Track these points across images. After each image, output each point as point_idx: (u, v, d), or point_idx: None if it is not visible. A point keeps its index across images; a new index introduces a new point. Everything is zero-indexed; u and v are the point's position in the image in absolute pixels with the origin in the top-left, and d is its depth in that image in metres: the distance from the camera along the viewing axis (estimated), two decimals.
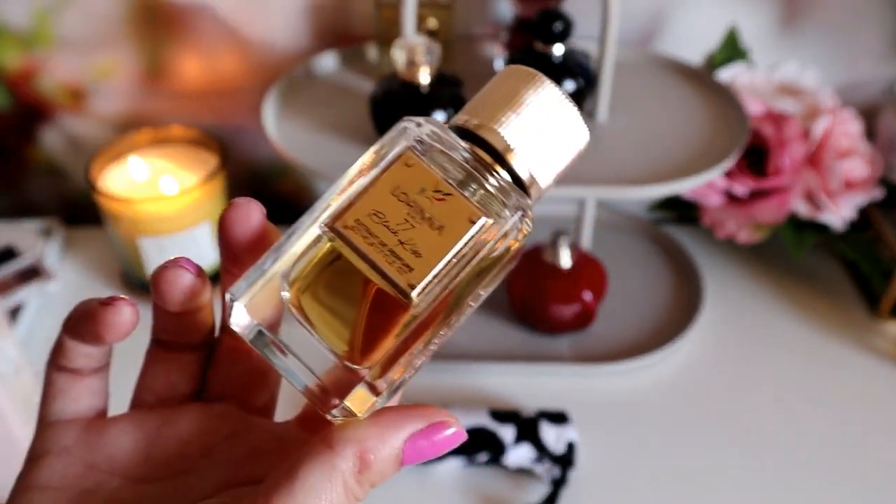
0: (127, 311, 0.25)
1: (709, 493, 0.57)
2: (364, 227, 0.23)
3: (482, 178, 0.24)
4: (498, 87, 0.25)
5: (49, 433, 0.26)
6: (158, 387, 0.27)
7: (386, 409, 0.24)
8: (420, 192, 0.24)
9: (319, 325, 0.24)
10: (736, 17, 0.72)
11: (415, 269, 0.23)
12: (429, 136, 0.25)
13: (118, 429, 0.26)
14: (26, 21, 0.71)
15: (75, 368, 0.26)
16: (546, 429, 0.58)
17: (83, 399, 0.26)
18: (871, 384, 0.65)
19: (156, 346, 0.28)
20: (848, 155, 0.69)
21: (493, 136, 0.24)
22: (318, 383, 0.24)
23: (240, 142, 0.79)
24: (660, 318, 0.70)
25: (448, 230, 0.23)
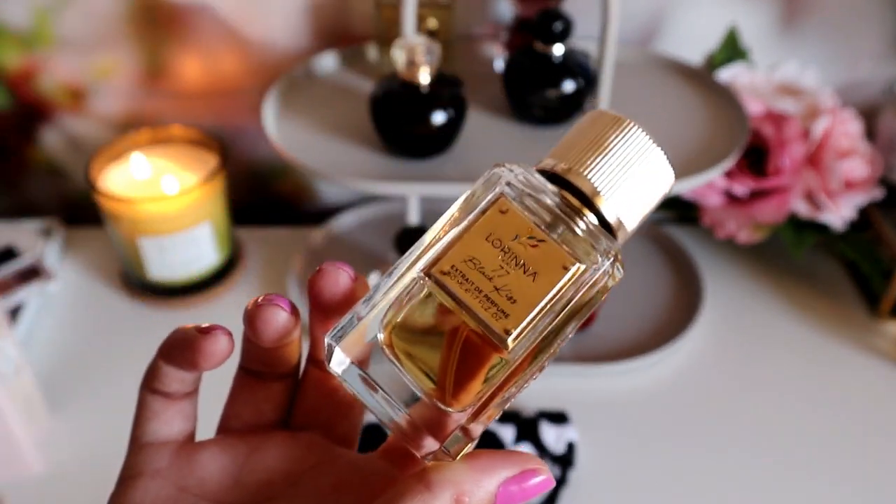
0: (223, 340, 0.25)
1: (709, 492, 0.57)
2: (460, 273, 0.24)
3: (571, 221, 0.25)
4: (584, 132, 0.26)
5: (142, 455, 0.26)
6: (246, 414, 0.28)
7: (480, 453, 0.24)
8: (514, 239, 0.24)
9: (410, 367, 0.24)
10: (736, 17, 0.72)
11: (510, 315, 0.23)
12: (518, 180, 0.25)
13: (209, 453, 0.27)
14: (26, 21, 0.72)
15: (168, 392, 0.26)
16: (546, 429, 0.58)
17: (175, 422, 0.27)
18: (871, 384, 0.65)
19: (244, 375, 0.28)
20: (848, 155, 0.70)
21: (582, 180, 0.25)
22: (408, 420, 0.24)
23: (240, 142, 0.79)
24: (660, 318, 0.70)
25: (542, 276, 0.24)
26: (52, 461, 0.59)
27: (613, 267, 0.25)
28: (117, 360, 0.66)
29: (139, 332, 0.69)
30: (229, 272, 0.74)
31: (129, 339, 0.69)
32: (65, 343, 0.69)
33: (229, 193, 0.71)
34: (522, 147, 0.63)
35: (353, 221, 0.80)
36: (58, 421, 0.62)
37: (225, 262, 0.73)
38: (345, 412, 0.28)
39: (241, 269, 0.75)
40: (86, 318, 0.71)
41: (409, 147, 0.60)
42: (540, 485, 0.24)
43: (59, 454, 0.59)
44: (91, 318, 0.71)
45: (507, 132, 0.64)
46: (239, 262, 0.75)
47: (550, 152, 0.26)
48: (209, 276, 0.72)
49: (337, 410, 0.28)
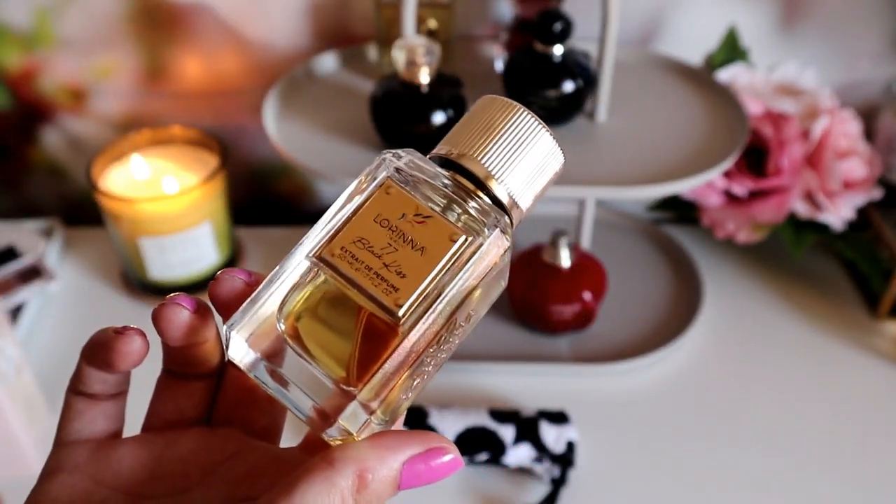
0: (137, 340, 0.26)
1: (709, 492, 0.57)
2: (350, 254, 0.24)
3: (464, 202, 0.25)
4: (476, 118, 0.27)
5: (63, 452, 0.27)
6: (166, 412, 0.28)
7: (386, 433, 0.24)
8: (401, 218, 0.25)
9: (317, 354, 0.24)
10: (736, 17, 0.72)
11: (400, 289, 0.24)
12: (408, 165, 0.26)
13: (126, 448, 0.27)
14: (26, 21, 0.72)
15: (92, 393, 0.27)
16: (546, 428, 0.58)
17: (98, 422, 0.27)
18: (870, 384, 0.65)
19: (165, 375, 0.29)
20: (847, 155, 0.70)
21: (474, 164, 0.26)
22: (317, 409, 0.24)
23: (240, 142, 0.79)
24: (660, 318, 0.70)
25: (430, 250, 0.24)
26: None
27: (502, 237, 0.25)
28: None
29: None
30: None
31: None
32: (65, 343, 0.69)
33: (229, 193, 0.71)
34: None
35: None
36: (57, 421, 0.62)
37: (225, 262, 0.73)
38: (265, 408, 0.29)
39: None
40: (86, 318, 0.71)
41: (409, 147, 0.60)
42: (448, 464, 0.25)
43: None
44: (91, 319, 0.71)
45: None
46: (239, 262, 0.75)
47: (444, 138, 0.27)
48: (209, 276, 0.72)
49: (256, 406, 0.29)
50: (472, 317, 0.26)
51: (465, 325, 0.26)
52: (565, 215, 0.77)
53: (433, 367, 0.26)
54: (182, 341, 0.26)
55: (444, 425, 0.57)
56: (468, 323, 0.26)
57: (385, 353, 0.24)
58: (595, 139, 0.64)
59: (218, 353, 0.28)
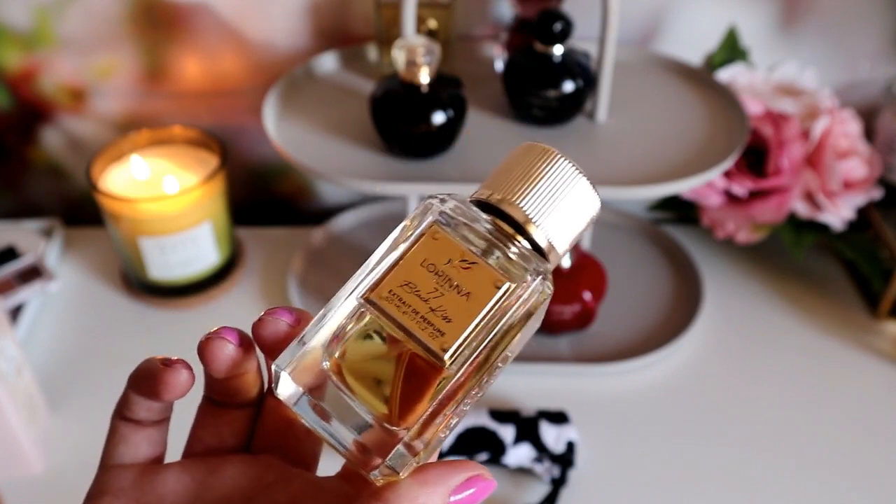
0: (184, 373, 0.27)
1: (708, 492, 0.57)
2: (397, 298, 0.25)
3: (504, 246, 0.26)
4: (516, 163, 0.28)
5: (108, 475, 0.28)
6: (207, 439, 0.29)
7: (428, 467, 0.25)
8: (447, 263, 0.26)
9: (359, 391, 0.26)
10: (735, 17, 0.72)
11: (446, 334, 0.25)
12: (452, 210, 0.27)
13: (170, 473, 0.28)
14: (26, 21, 0.72)
15: (137, 419, 0.28)
16: (546, 428, 0.58)
17: (142, 447, 0.28)
18: (870, 384, 0.65)
19: (206, 402, 0.30)
20: (847, 155, 0.70)
21: (514, 209, 0.27)
22: (359, 444, 0.25)
23: (240, 142, 0.79)
24: (660, 318, 0.70)
25: (475, 296, 0.25)
26: (52, 461, 0.59)
27: (543, 284, 0.26)
28: (117, 360, 0.66)
29: (139, 332, 0.69)
30: (229, 272, 0.74)
31: (129, 339, 0.69)
32: (65, 343, 0.69)
33: (229, 193, 0.71)
34: None
35: (353, 221, 0.80)
36: (58, 421, 0.62)
37: (225, 262, 0.73)
38: (302, 437, 0.30)
39: (241, 269, 0.75)
40: (86, 318, 0.71)
41: (409, 147, 0.60)
42: (486, 487, 0.26)
43: (59, 454, 0.59)
44: (91, 318, 0.71)
45: (507, 132, 0.64)
46: (239, 262, 0.75)
47: (484, 183, 0.28)
48: (209, 276, 0.72)
49: (294, 436, 0.30)
50: (508, 358, 0.27)
51: (502, 366, 0.27)
52: None
53: (469, 406, 0.27)
54: (226, 374, 0.27)
55: None
56: (504, 363, 0.27)
57: (427, 393, 0.25)
58: (595, 139, 0.64)
59: (258, 383, 0.29)
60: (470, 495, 0.26)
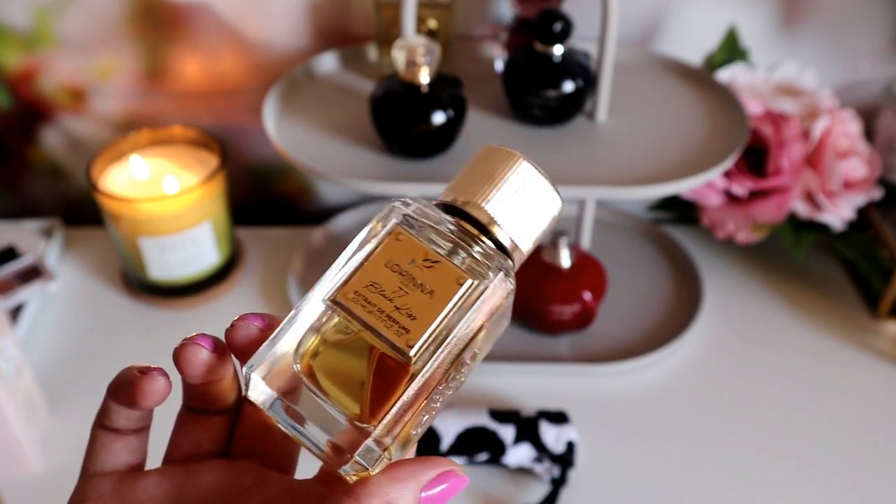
0: (160, 381, 0.27)
1: (708, 492, 0.57)
2: (363, 298, 0.26)
3: (469, 247, 0.27)
4: (479, 167, 0.28)
5: (89, 484, 0.29)
6: (186, 445, 0.30)
7: (399, 463, 0.26)
8: (411, 263, 0.26)
9: (331, 392, 0.26)
10: (736, 17, 0.72)
11: (411, 331, 0.25)
12: (416, 212, 0.28)
13: (149, 480, 0.28)
14: (26, 21, 0.72)
15: (116, 428, 0.28)
16: (546, 428, 0.58)
17: (122, 455, 0.29)
18: (870, 384, 0.65)
19: (185, 410, 0.30)
20: (847, 155, 0.70)
21: (478, 210, 0.27)
22: (333, 445, 0.26)
23: (240, 142, 0.79)
24: (660, 318, 0.70)
25: (438, 293, 0.26)
26: (52, 461, 0.59)
27: (506, 280, 0.27)
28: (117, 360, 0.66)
29: (139, 332, 0.69)
30: (229, 272, 0.74)
31: (129, 339, 0.69)
32: (65, 343, 0.69)
33: (229, 193, 0.71)
34: (522, 147, 0.63)
35: (353, 221, 0.80)
36: (58, 421, 0.62)
37: (225, 262, 0.73)
38: (279, 441, 0.30)
39: (241, 269, 0.75)
40: (86, 318, 0.71)
41: (409, 147, 0.60)
42: (457, 484, 0.27)
43: (59, 454, 0.59)
44: (91, 318, 0.71)
45: (507, 132, 0.64)
46: (239, 262, 0.75)
47: (449, 186, 0.29)
48: (209, 276, 0.72)
49: (272, 440, 0.30)
50: (477, 355, 0.28)
51: (471, 364, 0.27)
52: (565, 215, 0.77)
53: (440, 404, 0.27)
54: (201, 379, 0.28)
55: (444, 426, 0.57)
56: (473, 361, 0.28)
57: (397, 390, 0.25)
58: (595, 139, 0.64)
59: (235, 389, 0.30)
60: (441, 491, 0.26)
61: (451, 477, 0.26)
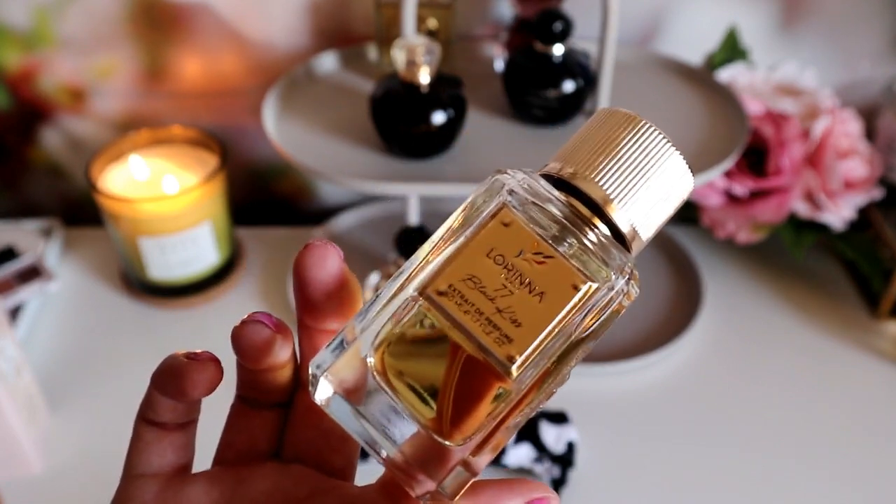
0: (211, 367, 0.25)
1: (708, 492, 0.57)
2: (458, 294, 0.22)
3: (580, 233, 0.22)
4: (594, 132, 0.23)
5: (132, 486, 0.26)
6: (240, 443, 0.27)
7: (481, 488, 0.23)
8: (518, 255, 0.22)
9: (404, 394, 0.22)
10: (736, 17, 0.72)
11: (515, 341, 0.21)
12: (522, 188, 0.23)
13: (197, 486, 0.26)
14: (26, 21, 0.72)
15: (162, 422, 0.26)
16: (546, 428, 0.58)
17: (167, 454, 0.26)
18: (871, 384, 0.65)
19: (239, 403, 0.27)
20: (847, 155, 0.70)
21: (591, 186, 0.23)
22: (402, 454, 0.22)
23: (240, 142, 0.79)
24: (660, 318, 0.70)
25: (549, 297, 0.22)
26: (52, 461, 0.59)
27: (628, 285, 0.23)
28: (117, 360, 0.67)
29: (139, 332, 0.69)
30: (229, 272, 0.74)
31: (129, 339, 0.69)
32: (65, 343, 0.69)
33: (229, 193, 0.71)
34: (522, 147, 0.63)
35: (353, 221, 0.80)
36: (58, 421, 0.62)
37: (225, 262, 0.73)
38: (337, 444, 0.27)
39: (241, 269, 0.75)
40: (86, 318, 0.71)
41: (409, 147, 0.60)
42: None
43: (59, 454, 0.59)
44: (91, 318, 0.71)
45: (507, 132, 0.64)
46: (239, 262, 0.75)
47: (556, 154, 0.24)
48: (209, 276, 0.72)
49: (328, 441, 0.27)
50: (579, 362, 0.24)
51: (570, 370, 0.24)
52: None
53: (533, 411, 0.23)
54: (260, 363, 0.25)
55: None
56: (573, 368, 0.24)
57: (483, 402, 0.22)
58: None
59: (293, 379, 0.27)
60: None
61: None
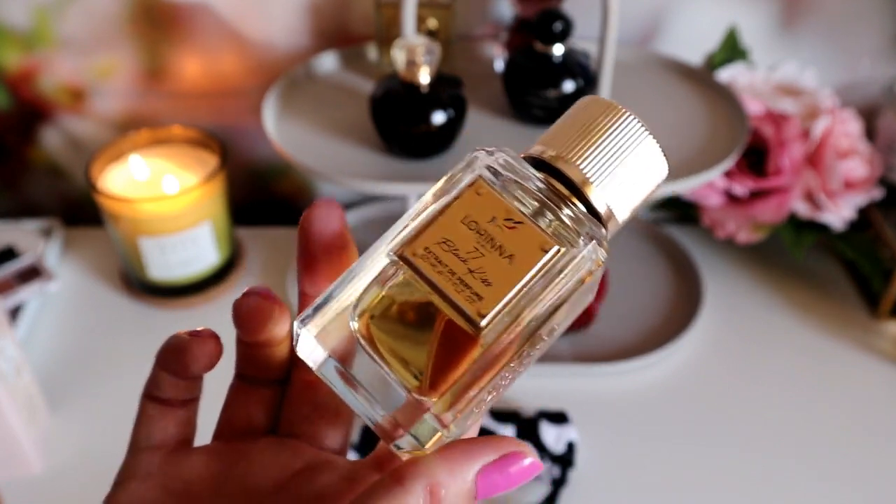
0: (211, 343, 0.26)
1: (708, 492, 0.57)
2: (433, 255, 0.23)
3: (557, 209, 0.24)
4: (575, 118, 0.25)
5: (137, 458, 0.27)
6: (238, 420, 0.28)
7: (457, 442, 0.23)
8: (491, 221, 0.23)
9: (389, 358, 0.23)
10: (736, 17, 0.72)
11: (484, 298, 0.22)
12: (501, 165, 0.24)
13: (196, 458, 0.27)
14: (26, 21, 0.72)
15: (165, 399, 0.27)
16: (546, 429, 0.58)
17: (170, 429, 0.28)
18: (871, 384, 0.65)
19: (238, 381, 0.29)
20: (848, 155, 0.70)
21: (571, 168, 0.24)
22: (389, 418, 0.23)
23: (240, 142, 0.79)
24: (660, 318, 0.70)
25: (519, 259, 0.23)
26: (52, 461, 0.59)
27: (597, 250, 0.24)
28: (117, 360, 0.67)
29: (139, 332, 0.69)
30: (229, 272, 0.74)
31: (129, 339, 0.69)
32: (65, 343, 0.69)
33: (229, 193, 0.71)
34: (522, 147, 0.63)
35: (353, 221, 0.80)
36: (58, 421, 0.62)
37: (225, 262, 0.73)
38: (332, 419, 0.28)
39: (241, 269, 0.75)
40: (86, 318, 0.71)
41: (409, 147, 0.60)
42: (526, 469, 0.23)
43: (59, 454, 0.59)
44: (91, 318, 0.71)
45: (507, 132, 0.64)
46: (239, 262, 0.75)
47: (539, 139, 0.25)
48: (209, 276, 0.72)
49: (323, 416, 0.28)
50: (554, 331, 0.24)
51: (547, 340, 0.24)
52: None
53: (509, 381, 0.24)
54: (259, 333, 0.26)
55: None
56: (549, 337, 0.24)
57: (462, 364, 0.23)
58: None
59: (290, 355, 0.28)
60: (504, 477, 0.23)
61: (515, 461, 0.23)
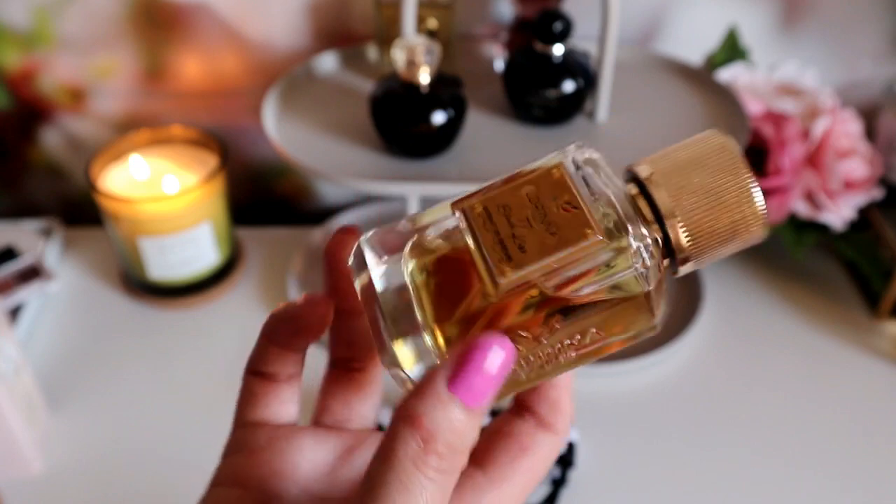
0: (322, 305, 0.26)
1: (709, 492, 0.57)
2: (488, 214, 0.24)
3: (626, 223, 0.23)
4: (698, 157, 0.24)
5: (244, 432, 0.27)
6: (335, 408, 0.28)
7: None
8: (552, 199, 0.24)
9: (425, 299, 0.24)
10: (736, 17, 0.72)
11: (514, 261, 0.23)
12: (585, 161, 0.25)
13: (305, 440, 0.27)
14: (26, 21, 0.72)
15: (270, 373, 0.27)
16: None
17: (273, 405, 0.27)
18: (871, 384, 0.65)
19: (332, 369, 0.29)
20: (848, 155, 0.70)
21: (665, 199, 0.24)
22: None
23: (240, 142, 0.79)
24: None
25: (560, 236, 0.23)
26: (52, 461, 0.59)
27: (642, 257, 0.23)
28: (117, 360, 0.67)
29: (139, 332, 0.69)
30: (229, 272, 0.74)
31: (129, 339, 0.69)
32: (65, 343, 0.68)
33: (229, 193, 0.71)
34: (522, 147, 0.63)
35: (353, 221, 0.80)
36: (58, 421, 0.62)
37: (225, 262, 0.73)
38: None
39: (241, 269, 0.75)
40: (86, 318, 0.71)
41: (409, 147, 0.60)
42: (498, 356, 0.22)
43: (59, 454, 0.59)
44: (91, 318, 0.71)
45: (507, 132, 0.64)
46: (239, 262, 0.75)
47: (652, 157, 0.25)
48: (209, 276, 0.72)
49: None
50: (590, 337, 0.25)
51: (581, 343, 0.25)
52: None
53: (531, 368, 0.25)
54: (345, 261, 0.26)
55: None
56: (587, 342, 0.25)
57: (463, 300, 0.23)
58: (595, 139, 0.64)
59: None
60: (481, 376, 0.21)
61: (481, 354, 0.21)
